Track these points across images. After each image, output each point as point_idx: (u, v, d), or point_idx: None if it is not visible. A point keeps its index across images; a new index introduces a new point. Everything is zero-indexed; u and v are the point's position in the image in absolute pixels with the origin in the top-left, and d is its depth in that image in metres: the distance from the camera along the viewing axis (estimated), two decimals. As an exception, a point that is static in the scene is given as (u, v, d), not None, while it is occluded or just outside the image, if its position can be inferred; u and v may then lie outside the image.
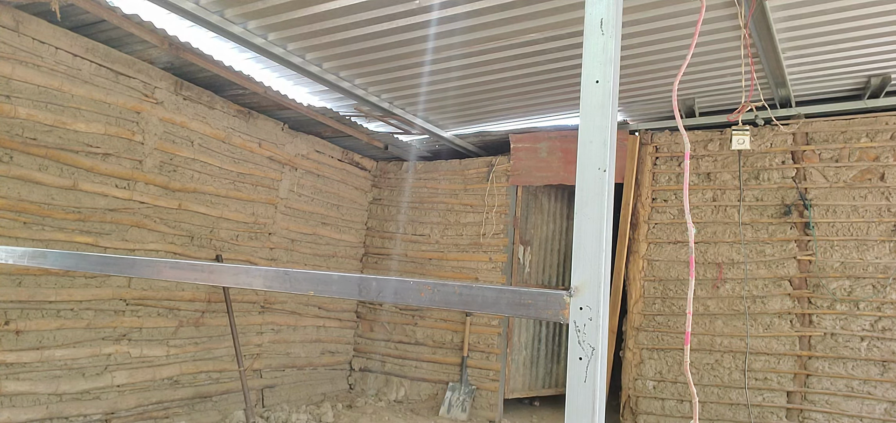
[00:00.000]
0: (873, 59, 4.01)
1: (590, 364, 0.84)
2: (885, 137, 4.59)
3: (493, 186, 6.14)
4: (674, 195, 5.27)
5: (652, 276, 5.28)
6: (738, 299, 4.91)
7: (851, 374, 4.54)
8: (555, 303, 0.88)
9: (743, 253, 4.92)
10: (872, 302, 4.50)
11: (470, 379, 5.99)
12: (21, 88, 3.66)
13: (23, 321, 3.75)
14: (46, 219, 3.85)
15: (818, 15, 3.43)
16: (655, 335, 5.21)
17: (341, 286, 1.31)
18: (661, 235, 5.27)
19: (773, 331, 4.80)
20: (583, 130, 0.88)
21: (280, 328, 5.73)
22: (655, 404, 5.16)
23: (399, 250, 6.64)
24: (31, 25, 3.67)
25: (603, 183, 0.85)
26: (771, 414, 4.77)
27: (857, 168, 4.65)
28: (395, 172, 6.85)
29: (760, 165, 4.96)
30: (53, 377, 3.90)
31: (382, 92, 5.02)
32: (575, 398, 0.85)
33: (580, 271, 0.86)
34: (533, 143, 5.84)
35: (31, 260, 1.75)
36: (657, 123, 5.38)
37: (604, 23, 0.89)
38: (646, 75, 4.35)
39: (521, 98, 4.97)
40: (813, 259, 4.71)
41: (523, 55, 4.07)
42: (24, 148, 3.70)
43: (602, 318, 0.84)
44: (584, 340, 0.85)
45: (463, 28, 3.70)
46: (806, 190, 4.76)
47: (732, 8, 3.32)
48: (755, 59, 3.99)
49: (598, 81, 0.88)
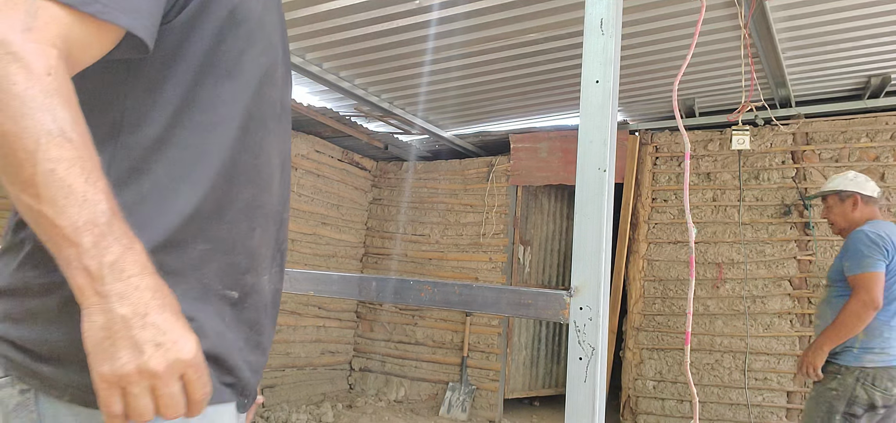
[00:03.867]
0: (873, 59, 4.01)
1: (590, 364, 0.84)
2: (886, 137, 4.59)
3: (493, 186, 6.14)
4: (674, 195, 5.27)
5: (652, 276, 5.28)
6: (738, 299, 4.91)
7: (851, 374, 4.54)
8: (555, 303, 0.88)
9: (743, 253, 4.92)
10: (872, 302, 4.50)
11: (470, 379, 5.99)
12: (21, 88, 3.67)
13: (23, 321, 3.75)
14: (46, 219, 3.86)
15: (818, 15, 3.43)
16: (655, 335, 5.21)
17: (341, 286, 1.31)
18: (662, 235, 5.27)
19: (773, 331, 4.80)
20: (583, 130, 0.88)
21: (280, 328, 5.73)
22: (655, 404, 5.16)
23: (399, 250, 6.64)
24: (31, 25, 3.68)
25: (603, 183, 0.85)
26: (771, 414, 4.77)
27: (857, 168, 4.65)
28: (395, 172, 6.85)
29: (760, 165, 4.96)
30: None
31: (382, 92, 5.02)
32: (575, 397, 0.85)
33: (580, 271, 0.86)
34: (533, 143, 5.84)
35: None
36: (657, 123, 5.37)
37: (604, 23, 0.89)
38: (646, 75, 4.35)
39: (521, 98, 4.97)
40: (813, 259, 4.71)
41: (523, 55, 4.06)
42: (24, 148, 3.71)
43: (602, 318, 0.84)
44: (584, 340, 0.85)
45: (463, 28, 3.70)
46: (806, 190, 4.76)
47: (732, 8, 3.32)
48: (755, 59, 3.99)
49: (598, 80, 0.88)
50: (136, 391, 0.65)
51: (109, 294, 0.65)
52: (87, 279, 0.65)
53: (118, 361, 0.64)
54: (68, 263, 0.65)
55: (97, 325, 0.65)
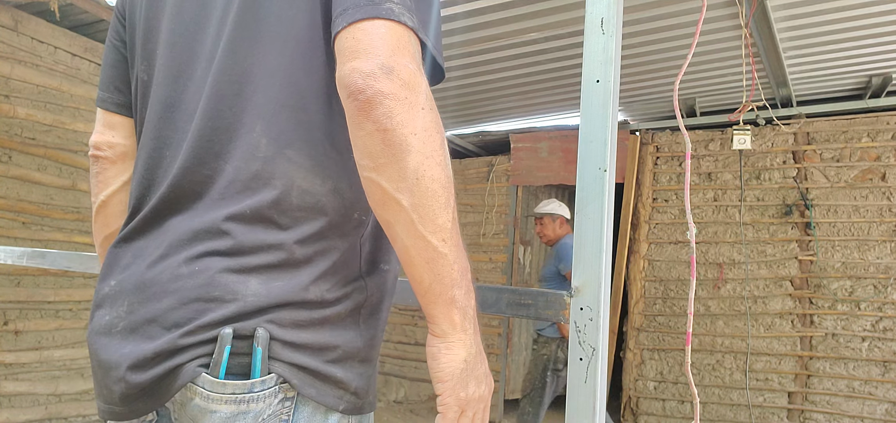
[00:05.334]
0: (874, 58, 4.01)
1: (590, 365, 0.84)
2: (887, 136, 4.58)
3: (493, 186, 6.14)
4: (675, 195, 5.26)
5: (653, 276, 5.27)
6: (739, 300, 4.90)
7: (852, 374, 4.53)
8: (555, 303, 0.88)
9: (744, 253, 4.91)
10: (873, 302, 4.50)
11: (470, 379, 5.99)
12: (20, 87, 3.66)
13: (21, 322, 3.74)
14: (45, 219, 3.85)
15: (819, 14, 3.42)
16: (656, 336, 5.20)
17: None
18: (662, 235, 5.27)
19: (774, 331, 4.80)
20: (583, 130, 0.87)
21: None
22: (656, 404, 5.15)
23: (399, 250, 6.63)
24: (29, 25, 3.67)
25: (603, 183, 0.85)
26: (772, 415, 4.76)
27: (858, 168, 4.65)
28: (395, 172, 6.85)
29: (761, 164, 4.95)
30: (52, 377, 3.89)
31: (382, 92, 5.02)
32: (575, 398, 0.84)
33: (580, 272, 0.85)
34: (533, 143, 5.84)
35: (29, 260, 1.75)
36: (658, 122, 5.37)
37: (604, 22, 0.88)
38: (646, 75, 4.34)
39: (521, 98, 4.97)
40: (814, 259, 4.70)
41: (523, 55, 4.06)
42: (23, 148, 3.70)
43: (603, 318, 0.84)
44: (584, 340, 0.84)
45: (463, 28, 3.69)
46: (807, 190, 4.75)
47: (733, 7, 3.31)
48: (756, 58, 3.98)
49: (599, 80, 0.87)
50: (470, 414, 0.77)
51: (470, 333, 0.76)
52: (461, 318, 0.74)
53: (469, 389, 0.76)
54: (451, 303, 0.74)
55: (459, 357, 0.75)
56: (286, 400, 0.75)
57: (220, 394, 0.72)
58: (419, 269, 0.72)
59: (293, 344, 0.74)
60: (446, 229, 0.71)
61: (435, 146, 0.69)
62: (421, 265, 0.72)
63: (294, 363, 0.74)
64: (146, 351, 0.73)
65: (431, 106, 0.70)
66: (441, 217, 0.70)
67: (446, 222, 0.71)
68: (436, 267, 0.71)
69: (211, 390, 0.72)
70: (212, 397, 0.72)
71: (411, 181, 0.68)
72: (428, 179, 0.69)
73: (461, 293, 0.74)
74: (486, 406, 0.79)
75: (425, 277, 0.72)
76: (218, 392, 0.72)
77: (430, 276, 0.72)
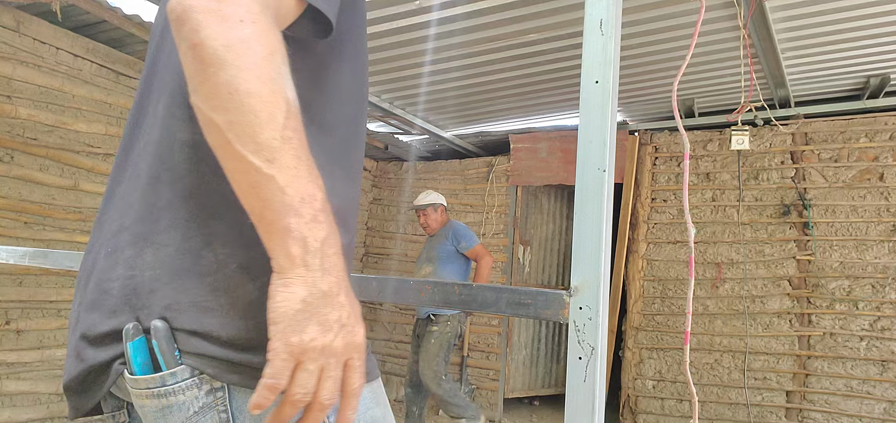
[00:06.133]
0: (872, 59, 4.02)
1: (589, 364, 0.84)
2: (885, 137, 4.59)
3: (493, 186, 6.15)
4: (673, 195, 5.27)
5: (651, 276, 5.28)
6: (737, 299, 4.92)
7: (850, 374, 4.55)
8: (554, 303, 0.88)
9: (742, 253, 4.92)
10: (871, 302, 4.51)
11: (470, 379, 5.99)
12: (22, 88, 3.67)
13: (24, 321, 3.75)
14: (47, 219, 3.86)
15: (818, 15, 3.44)
16: (655, 335, 5.21)
17: (342, 286, 1.31)
18: (661, 235, 5.28)
19: (772, 331, 4.81)
20: (582, 131, 0.88)
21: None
22: (655, 403, 5.16)
23: (399, 249, 6.64)
24: (31, 26, 3.68)
25: (603, 183, 0.85)
26: (770, 414, 4.78)
27: (856, 168, 4.66)
28: (395, 172, 6.85)
29: (760, 165, 4.96)
30: (54, 376, 3.90)
31: (382, 92, 5.02)
32: (574, 397, 0.85)
33: (580, 271, 0.86)
34: (533, 143, 5.85)
35: (32, 260, 1.76)
36: (657, 123, 5.38)
37: (603, 23, 0.89)
38: (645, 75, 4.35)
39: (521, 98, 4.98)
40: (812, 259, 4.71)
41: (523, 55, 4.07)
42: (25, 148, 3.71)
43: (602, 317, 0.85)
44: (583, 339, 0.85)
45: (463, 28, 3.70)
46: (805, 190, 4.77)
47: (732, 8, 3.32)
48: (754, 59, 3.99)
49: (598, 81, 0.88)
50: (311, 367, 0.64)
51: (315, 269, 0.65)
52: (301, 251, 0.64)
53: (306, 334, 0.64)
54: (285, 232, 0.64)
55: (297, 296, 0.64)
56: (217, 390, 0.73)
57: (140, 390, 0.73)
58: (246, 195, 0.66)
59: (196, 333, 0.72)
60: (271, 148, 0.63)
61: (254, 59, 0.63)
62: (246, 190, 0.65)
63: (201, 353, 0.72)
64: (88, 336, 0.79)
65: (255, 20, 0.64)
66: (263, 134, 0.63)
67: (271, 139, 0.63)
68: (262, 191, 0.64)
69: (133, 386, 0.73)
70: (134, 393, 0.73)
71: (224, 97, 0.62)
72: (243, 94, 0.62)
73: (301, 223, 0.64)
74: (340, 362, 0.66)
75: (254, 204, 0.65)
76: (136, 388, 0.73)
77: (258, 202, 0.65)
